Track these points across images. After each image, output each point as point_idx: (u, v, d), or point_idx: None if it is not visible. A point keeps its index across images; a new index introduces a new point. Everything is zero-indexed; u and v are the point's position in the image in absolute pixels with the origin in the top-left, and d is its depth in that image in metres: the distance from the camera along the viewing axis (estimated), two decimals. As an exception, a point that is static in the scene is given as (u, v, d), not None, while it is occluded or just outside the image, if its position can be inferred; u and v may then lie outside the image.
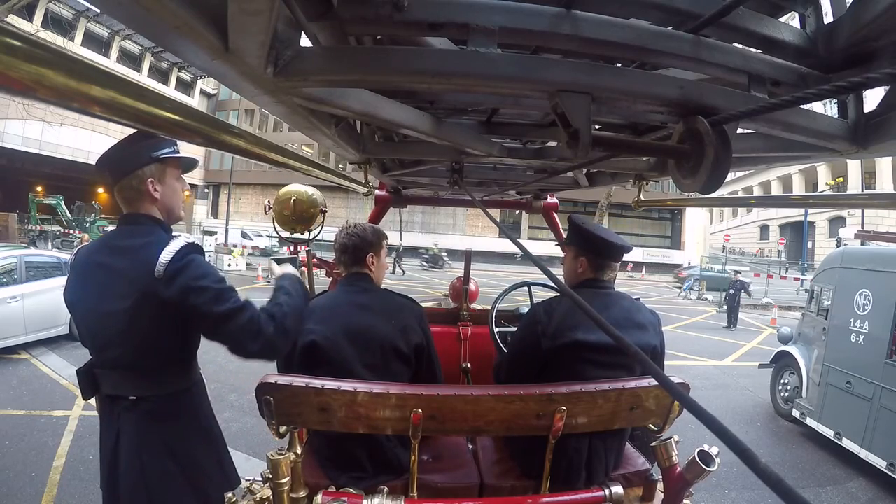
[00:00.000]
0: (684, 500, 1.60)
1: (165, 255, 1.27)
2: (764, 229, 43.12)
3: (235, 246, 20.25)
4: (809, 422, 5.29)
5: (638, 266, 23.98)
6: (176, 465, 1.32)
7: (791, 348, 6.09)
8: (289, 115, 1.18)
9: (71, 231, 22.48)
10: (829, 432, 4.98)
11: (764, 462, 0.37)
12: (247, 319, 1.31)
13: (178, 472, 1.32)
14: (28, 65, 0.54)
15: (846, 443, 4.72)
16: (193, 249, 1.33)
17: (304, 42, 0.98)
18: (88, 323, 1.37)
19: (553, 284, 0.92)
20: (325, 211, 3.13)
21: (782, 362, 6.22)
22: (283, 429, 1.49)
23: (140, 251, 1.31)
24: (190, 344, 1.44)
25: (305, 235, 3.15)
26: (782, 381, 6.17)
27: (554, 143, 1.97)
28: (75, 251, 1.50)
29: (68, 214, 23.81)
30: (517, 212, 19.81)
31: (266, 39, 0.75)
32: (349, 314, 1.70)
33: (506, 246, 24.46)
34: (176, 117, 0.84)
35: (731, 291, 12.55)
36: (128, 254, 1.33)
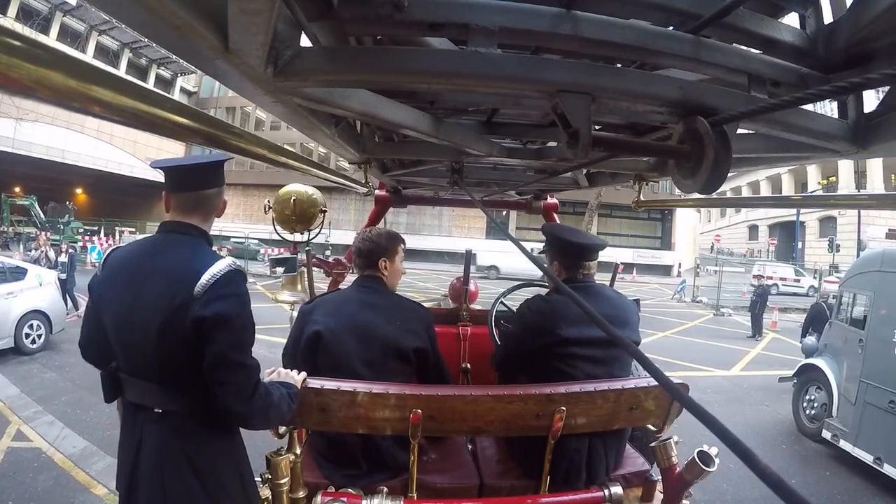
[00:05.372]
0: (683, 501, 1.60)
1: (208, 275, 1.23)
2: (753, 229, 43.16)
3: (221, 248, 20.18)
4: (843, 444, 4.68)
5: (629, 267, 23.83)
6: (199, 483, 1.27)
7: (818, 361, 5.48)
8: (289, 115, 1.18)
9: (46, 234, 22.02)
10: (867, 457, 4.38)
11: (764, 463, 0.37)
12: (248, 381, 1.26)
13: (199, 490, 1.27)
14: (28, 65, 0.54)
15: (888, 469, 4.16)
16: (239, 277, 1.30)
17: (304, 42, 0.98)
18: (117, 326, 1.32)
19: (550, 283, 0.92)
20: (325, 211, 3.13)
21: (806, 376, 5.63)
22: (282, 429, 1.49)
23: (182, 265, 1.27)
24: None
25: (305, 236, 3.15)
26: (807, 397, 5.55)
27: (554, 144, 1.97)
28: (111, 250, 1.46)
29: (42, 216, 23.00)
30: (504, 212, 19.82)
31: (266, 39, 0.75)
32: (355, 310, 1.73)
33: (493, 248, 24.33)
34: (176, 118, 0.84)
35: (754, 297, 11.88)
36: (171, 264, 1.29)
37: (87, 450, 4.11)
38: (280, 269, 2.99)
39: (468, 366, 2.70)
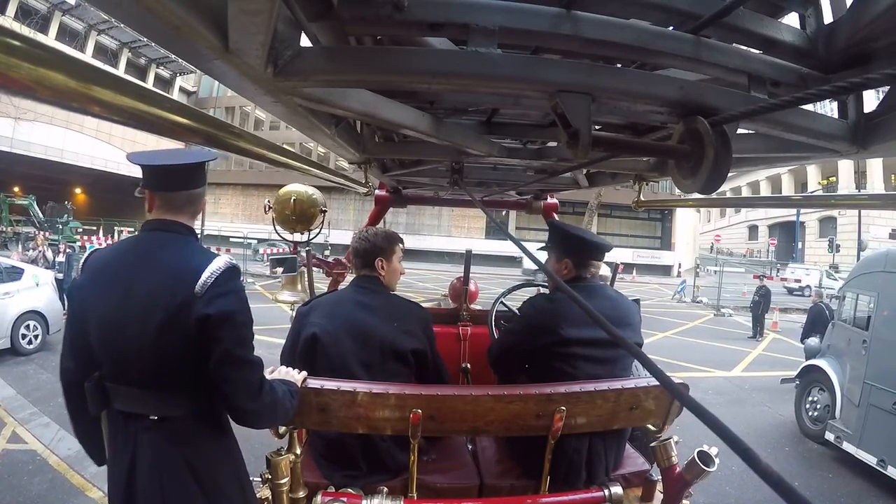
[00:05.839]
0: (683, 501, 1.60)
1: (208, 273, 1.21)
2: (752, 229, 43.26)
3: (219, 248, 20.00)
4: (847, 446, 4.66)
5: (628, 267, 23.83)
6: (198, 487, 1.26)
7: (820, 362, 5.43)
8: (289, 115, 1.18)
9: (44, 233, 21.89)
10: (871, 459, 4.36)
11: (765, 462, 0.37)
12: (254, 377, 1.26)
13: (199, 494, 1.26)
14: (28, 65, 0.54)
15: (892, 471, 4.13)
16: (237, 273, 1.29)
17: (304, 42, 0.98)
18: (104, 331, 1.25)
19: (550, 283, 0.92)
20: (325, 211, 3.13)
21: (809, 377, 5.59)
22: (282, 429, 1.49)
23: (179, 263, 1.25)
24: None
25: (305, 236, 3.15)
26: (810, 398, 5.52)
27: (554, 144, 1.97)
28: (89, 252, 1.38)
29: (40, 215, 22.73)
30: (503, 212, 19.84)
31: (266, 39, 0.75)
32: (352, 312, 1.73)
33: (492, 248, 24.34)
34: (176, 117, 0.84)
35: (756, 298, 11.84)
36: (168, 262, 1.25)
37: (83, 452, 4.05)
38: (280, 269, 3.00)
39: (468, 366, 2.70)
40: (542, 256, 1.90)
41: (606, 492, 1.57)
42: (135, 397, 1.25)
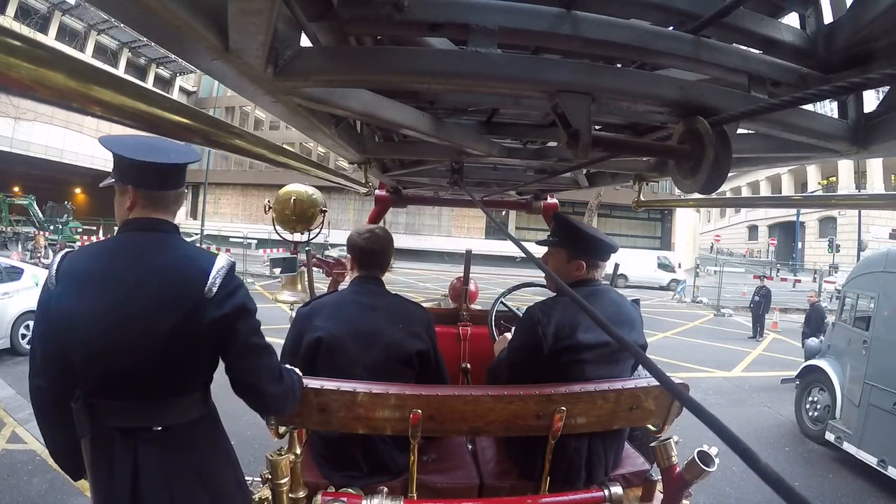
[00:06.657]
0: (683, 501, 1.60)
1: (215, 274, 1.20)
2: (752, 230, 43.40)
3: (219, 248, 19.93)
4: (847, 447, 4.67)
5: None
6: (205, 492, 1.25)
7: (821, 362, 5.44)
8: (289, 115, 1.18)
9: (44, 233, 21.40)
10: (871, 459, 4.36)
11: (764, 462, 0.37)
12: (273, 362, 1.30)
13: (206, 499, 1.26)
14: (28, 65, 0.53)
15: (892, 471, 4.14)
16: (235, 268, 1.29)
17: (304, 42, 0.98)
18: (95, 347, 1.16)
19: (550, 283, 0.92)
20: (325, 211, 3.13)
21: (809, 378, 5.60)
22: (282, 429, 1.50)
23: (181, 266, 1.21)
24: (215, 367, 1.31)
25: (305, 236, 3.16)
26: (810, 398, 5.54)
27: (554, 144, 1.97)
28: (61, 256, 1.27)
29: (40, 215, 22.86)
30: (503, 212, 19.83)
31: (266, 39, 0.75)
32: (356, 314, 1.71)
33: (492, 248, 24.35)
34: (176, 118, 0.84)
35: (756, 298, 11.76)
36: (169, 264, 1.21)
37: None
38: (279, 269, 3.00)
39: (468, 366, 2.70)
40: (541, 251, 1.88)
41: (606, 492, 1.57)
42: (134, 410, 1.19)
